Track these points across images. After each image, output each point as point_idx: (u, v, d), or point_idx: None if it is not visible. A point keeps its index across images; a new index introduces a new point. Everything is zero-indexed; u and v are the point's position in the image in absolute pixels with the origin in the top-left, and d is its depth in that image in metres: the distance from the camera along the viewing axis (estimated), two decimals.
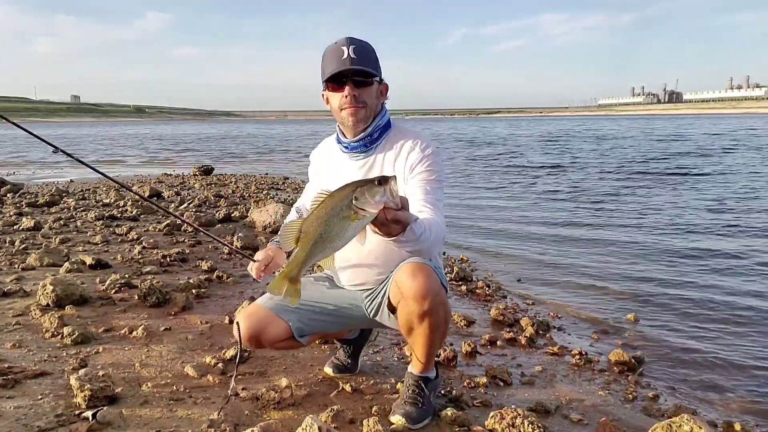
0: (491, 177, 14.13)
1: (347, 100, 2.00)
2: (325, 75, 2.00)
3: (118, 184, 2.72)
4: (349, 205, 1.41)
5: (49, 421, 2.01)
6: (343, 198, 1.43)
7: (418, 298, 1.86)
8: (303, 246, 1.50)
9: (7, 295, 3.58)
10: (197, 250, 5.21)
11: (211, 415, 2.09)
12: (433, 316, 1.90)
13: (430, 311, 1.88)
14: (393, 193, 1.41)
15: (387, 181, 1.41)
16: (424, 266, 1.89)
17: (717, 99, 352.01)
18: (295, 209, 2.45)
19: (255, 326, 2.11)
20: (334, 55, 1.97)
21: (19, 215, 6.93)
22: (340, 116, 2.06)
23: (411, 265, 1.90)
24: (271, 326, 2.12)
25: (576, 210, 8.67)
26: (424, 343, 2.01)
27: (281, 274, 1.61)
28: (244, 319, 2.13)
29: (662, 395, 2.63)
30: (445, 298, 1.95)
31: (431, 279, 1.88)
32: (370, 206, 1.40)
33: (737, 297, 4.23)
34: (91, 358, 2.67)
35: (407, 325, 1.96)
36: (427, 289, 1.86)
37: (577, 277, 4.87)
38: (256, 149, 29.41)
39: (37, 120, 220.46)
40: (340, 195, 1.44)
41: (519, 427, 1.98)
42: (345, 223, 1.43)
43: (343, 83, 1.98)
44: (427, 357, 2.08)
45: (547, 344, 3.19)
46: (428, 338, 1.97)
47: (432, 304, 1.87)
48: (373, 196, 1.39)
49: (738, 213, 8.00)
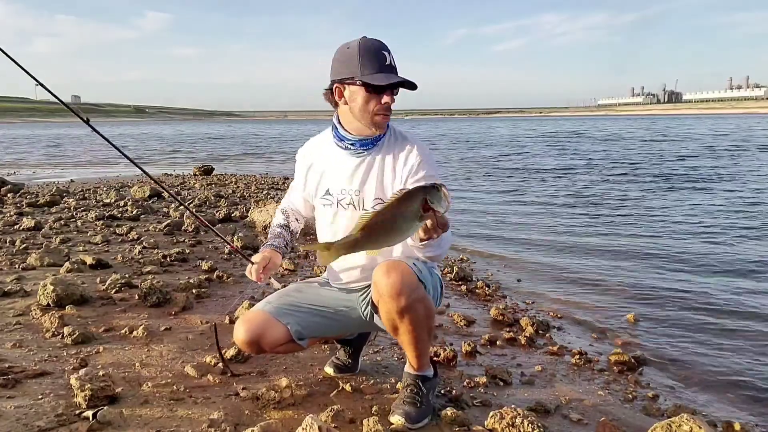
0: (491, 178, 14.14)
1: (383, 108, 2.00)
2: (370, 77, 1.95)
3: (170, 193, 2.72)
4: (422, 204, 1.53)
5: (49, 421, 2.02)
6: (415, 199, 1.54)
7: (393, 295, 1.87)
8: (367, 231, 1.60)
9: (7, 294, 3.58)
10: (197, 250, 5.21)
11: (212, 414, 2.10)
12: (412, 312, 1.91)
13: (408, 307, 1.89)
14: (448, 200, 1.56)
15: (442, 187, 1.56)
16: (399, 263, 1.91)
17: (717, 99, 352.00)
18: (280, 211, 2.42)
19: (254, 331, 2.10)
20: (377, 58, 1.95)
21: (20, 215, 6.94)
22: (369, 118, 2.03)
23: (386, 263, 1.92)
24: (271, 330, 2.11)
25: (576, 210, 8.68)
26: (410, 341, 2.01)
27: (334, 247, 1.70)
28: (243, 324, 2.12)
29: (662, 395, 2.63)
30: (423, 293, 1.94)
31: (405, 275, 1.88)
32: (442, 207, 1.54)
33: (737, 297, 4.23)
34: (92, 357, 2.67)
35: (390, 324, 1.97)
36: (401, 285, 1.86)
37: (577, 276, 4.88)
38: (256, 149, 29.44)
39: (37, 120, 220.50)
40: (412, 197, 1.55)
41: (519, 426, 1.99)
42: (411, 222, 1.56)
43: (384, 90, 1.98)
44: (417, 354, 2.08)
45: (547, 344, 3.20)
46: (413, 335, 1.98)
47: (408, 300, 1.87)
48: (441, 199, 1.54)
49: (745, 215, 7.98)
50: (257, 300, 3.64)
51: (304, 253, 5.17)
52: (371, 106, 2.00)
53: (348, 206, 2.13)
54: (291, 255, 5.11)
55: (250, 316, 2.15)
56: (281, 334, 2.12)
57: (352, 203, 2.12)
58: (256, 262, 2.14)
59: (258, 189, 10.72)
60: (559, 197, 10.18)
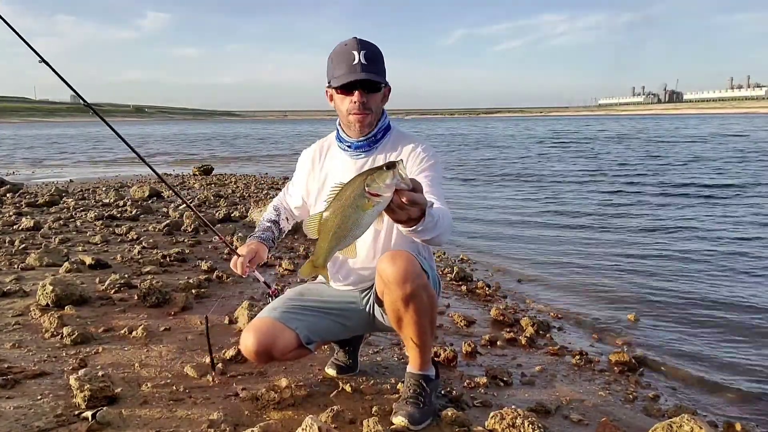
0: (492, 179, 14.13)
1: (355, 106, 2.00)
2: (335, 80, 1.98)
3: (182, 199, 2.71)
4: (362, 193, 1.45)
5: (48, 421, 2.01)
6: (355, 187, 1.47)
7: (399, 281, 1.87)
8: (324, 236, 1.56)
9: (6, 295, 3.58)
10: (197, 250, 5.20)
11: (211, 414, 2.09)
12: (417, 299, 1.91)
13: (413, 294, 1.89)
14: (403, 176, 1.44)
15: (395, 165, 1.44)
16: (403, 252, 1.92)
17: (717, 99, 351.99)
18: (273, 207, 2.42)
19: (264, 340, 2.05)
20: (345, 59, 1.96)
21: (19, 215, 6.93)
22: (346, 119, 2.07)
23: (390, 252, 1.93)
24: (280, 337, 2.08)
25: (577, 211, 8.67)
26: (414, 332, 1.99)
27: (309, 261, 1.67)
28: (251, 333, 2.07)
29: (662, 395, 2.63)
30: (426, 281, 1.95)
31: (411, 263, 1.89)
32: (382, 190, 1.43)
33: (738, 297, 4.23)
34: (91, 358, 2.67)
35: (395, 315, 1.97)
36: (406, 271, 1.86)
37: (578, 277, 4.87)
38: (256, 149, 29.43)
39: (37, 120, 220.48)
40: (353, 185, 1.48)
41: (519, 427, 1.98)
42: (361, 212, 1.47)
43: (353, 89, 1.98)
44: (420, 349, 2.07)
45: (548, 344, 3.19)
46: (417, 325, 1.97)
47: (413, 286, 1.87)
48: (384, 180, 1.42)
49: (750, 216, 7.97)
50: (257, 300, 3.64)
51: (304, 253, 5.17)
52: (344, 105, 2.03)
53: None
54: (291, 255, 5.11)
55: (257, 324, 2.11)
56: (291, 340, 2.09)
57: None
58: (242, 255, 2.12)
59: (257, 189, 10.72)
60: (559, 198, 10.17)
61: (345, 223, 1.51)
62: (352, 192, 1.48)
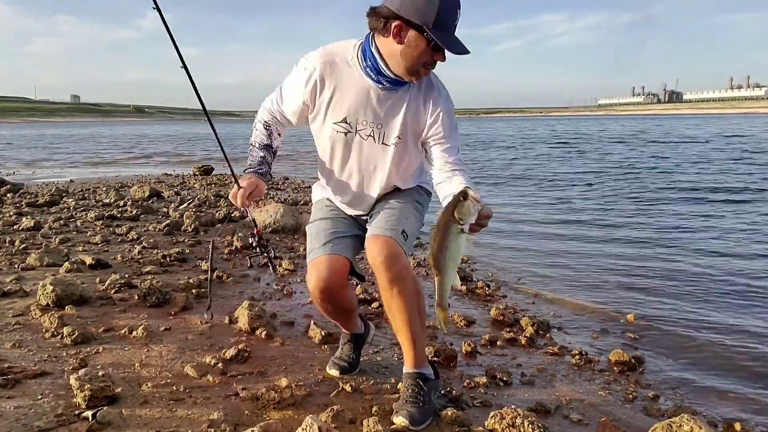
0: (492, 179, 14.13)
1: (432, 67, 2.00)
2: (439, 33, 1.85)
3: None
4: (458, 228, 1.75)
5: (49, 421, 2.01)
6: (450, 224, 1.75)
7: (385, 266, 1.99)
8: (438, 271, 1.80)
9: (6, 295, 3.58)
10: (197, 250, 5.20)
11: (211, 414, 2.09)
12: (401, 282, 2.01)
13: (397, 276, 2.00)
14: (478, 200, 1.74)
15: (467, 194, 1.73)
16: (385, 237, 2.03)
17: (717, 99, 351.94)
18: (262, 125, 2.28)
19: (328, 275, 2.10)
20: (451, 19, 1.88)
21: (19, 215, 6.93)
22: (413, 68, 1.96)
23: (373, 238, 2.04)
24: (339, 267, 2.13)
25: (577, 211, 8.67)
26: (404, 321, 2.07)
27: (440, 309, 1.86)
28: (317, 269, 2.11)
29: (662, 395, 2.63)
30: (407, 262, 2.06)
31: (391, 246, 2.00)
32: (472, 219, 1.74)
33: (738, 297, 4.23)
34: (91, 358, 2.67)
35: (385, 302, 2.08)
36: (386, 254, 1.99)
37: (578, 277, 4.87)
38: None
39: (37, 120, 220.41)
40: (445, 221, 1.75)
41: (519, 427, 1.98)
42: (460, 241, 1.77)
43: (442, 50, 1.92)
44: (413, 342, 2.12)
45: (547, 344, 3.19)
46: (405, 312, 2.05)
47: (397, 267, 2.00)
48: (470, 212, 1.73)
49: (760, 218, 7.95)
50: (257, 300, 3.64)
51: (304, 253, 5.15)
52: (423, 57, 1.93)
53: (367, 138, 2.11)
54: (291, 255, 5.10)
55: (316, 262, 2.14)
56: (345, 267, 2.16)
57: (372, 136, 2.11)
58: (243, 186, 2.09)
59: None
60: (560, 198, 10.17)
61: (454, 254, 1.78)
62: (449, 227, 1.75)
